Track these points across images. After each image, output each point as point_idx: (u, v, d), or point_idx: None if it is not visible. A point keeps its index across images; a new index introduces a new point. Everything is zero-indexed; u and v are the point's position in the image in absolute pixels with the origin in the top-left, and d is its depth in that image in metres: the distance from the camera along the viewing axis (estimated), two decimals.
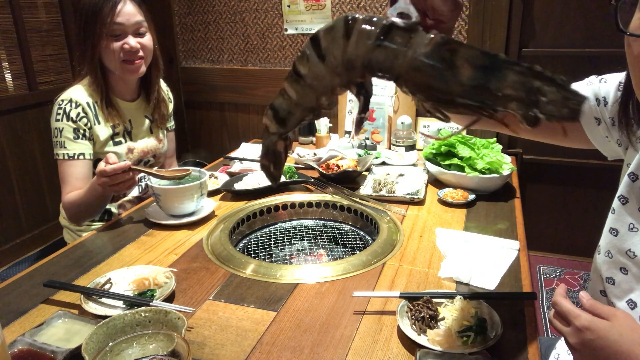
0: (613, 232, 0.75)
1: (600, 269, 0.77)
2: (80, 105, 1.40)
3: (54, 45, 2.64)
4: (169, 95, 1.72)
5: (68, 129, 1.39)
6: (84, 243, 1.18)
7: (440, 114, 0.59)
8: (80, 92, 1.43)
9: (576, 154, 2.04)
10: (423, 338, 0.76)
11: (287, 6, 2.15)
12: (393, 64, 0.58)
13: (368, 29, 0.58)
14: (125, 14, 1.38)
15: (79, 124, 1.39)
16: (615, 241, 0.74)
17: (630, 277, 0.71)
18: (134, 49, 1.40)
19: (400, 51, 0.57)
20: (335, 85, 0.65)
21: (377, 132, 1.93)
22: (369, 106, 0.65)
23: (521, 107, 0.52)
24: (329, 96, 0.67)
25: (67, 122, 1.38)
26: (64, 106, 1.40)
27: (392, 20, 0.58)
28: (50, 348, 0.74)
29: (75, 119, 1.39)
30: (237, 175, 1.53)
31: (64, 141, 1.38)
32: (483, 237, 1.12)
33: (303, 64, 0.66)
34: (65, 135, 1.38)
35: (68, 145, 1.38)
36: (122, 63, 1.41)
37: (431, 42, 0.55)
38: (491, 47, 1.90)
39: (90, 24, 1.38)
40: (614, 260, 0.74)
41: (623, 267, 0.72)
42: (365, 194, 1.37)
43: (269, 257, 1.19)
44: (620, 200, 0.74)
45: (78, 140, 1.39)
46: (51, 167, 2.66)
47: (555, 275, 2.22)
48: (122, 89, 1.51)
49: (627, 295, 0.72)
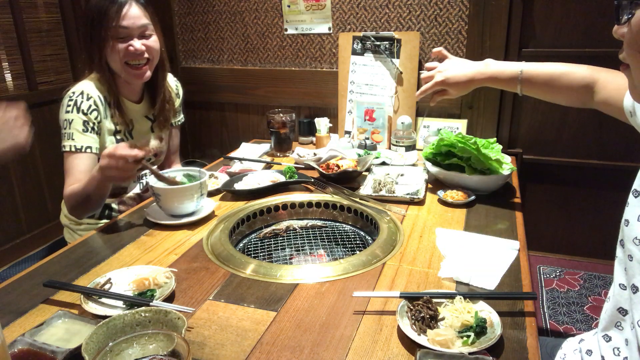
0: (625, 223, 0.77)
1: (622, 260, 0.80)
2: (91, 97, 1.40)
3: (54, 45, 2.64)
4: (177, 91, 1.72)
5: (78, 120, 1.38)
6: (84, 243, 1.18)
7: None
8: (91, 86, 1.42)
9: (576, 154, 2.04)
10: (423, 338, 0.76)
11: (287, 6, 2.15)
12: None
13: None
14: (131, 17, 1.38)
15: (89, 117, 1.39)
16: (627, 230, 0.77)
17: (634, 263, 0.73)
18: (139, 51, 1.39)
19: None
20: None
21: (377, 132, 1.93)
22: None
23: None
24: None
25: (78, 114, 1.38)
26: (75, 98, 1.39)
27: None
28: (50, 348, 0.74)
29: (87, 112, 1.39)
30: (237, 175, 1.53)
31: (73, 133, 1.37)
32: (483, 237, 1.12)
33: None
34: (75, 127, 1.38)
35: (76, 137, 1.38)
36: (125, 66, 1.41)
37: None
38: (491, 47, 1.90)
39: (96, 27, 1.37)
40: (625, 249, 0.77)
41: (630, 255, 0.75)
42: (365, 194, 1.37)
43: (268, 258, 1.19)
44: (634, 194, 0.77)
45: (87, 133, 1.39)
46: (51, 167, 2.66)
47: (555, 275, 2.22)
48: (127, 90, 1.51)
49: (631, 280, 0.74)
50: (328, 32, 2.14)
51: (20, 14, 2.42)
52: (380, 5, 2.02)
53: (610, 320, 0.81)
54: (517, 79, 1.15)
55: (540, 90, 1.16)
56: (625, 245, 0.77)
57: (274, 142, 1.87)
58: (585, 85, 1.06)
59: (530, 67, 1.14)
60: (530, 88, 1.16)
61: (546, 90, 1.15)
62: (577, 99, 1.10)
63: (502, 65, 1.18)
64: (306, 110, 2.26)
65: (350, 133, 1.99)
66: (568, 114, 2.00)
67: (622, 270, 0.80)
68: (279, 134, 1.84)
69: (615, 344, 0.79)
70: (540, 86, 1.14)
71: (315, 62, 2.21)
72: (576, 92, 1.09)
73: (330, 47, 2.16)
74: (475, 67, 1.21)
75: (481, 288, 0.92)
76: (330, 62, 2.18)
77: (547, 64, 1.14)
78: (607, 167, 2.00)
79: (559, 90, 1.12)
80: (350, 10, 2.07)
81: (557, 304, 2.05)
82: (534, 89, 1.16)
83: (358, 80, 1.99)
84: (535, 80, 1.14)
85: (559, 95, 1.14)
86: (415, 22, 2.00)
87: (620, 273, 0.80)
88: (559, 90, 1.12)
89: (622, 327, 0.78)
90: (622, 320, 0.78)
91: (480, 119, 2.01)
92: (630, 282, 0.74)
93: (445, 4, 1.94)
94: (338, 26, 2.12)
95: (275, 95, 2.31)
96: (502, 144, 1.66)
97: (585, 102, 1.09)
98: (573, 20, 1.89)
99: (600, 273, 2.20)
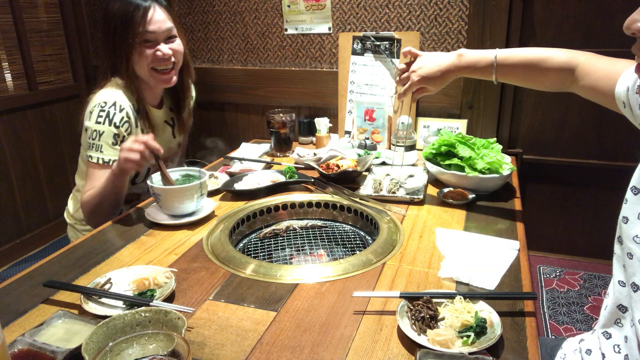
0: (624, 220, 0.77)
1: (620, 257, 0.80)
2: (124, 109, 1.37)
3: (54, 45, 2.64)
4: (193, 94, 1.71)
5: (109, 133, 1.35)
6: (84, 243, 1.18)
7: None
8: (121, 96, 1.39)
9: (576, 154, 2.04)
10: (423, 338, 0.76)
11: (287, 6, 2.15)
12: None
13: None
14: (157, 22, 1.36)
15: (120, 130, 1.36)
16: (626, 228, 0.76)
17: (635, 261, 0.73)
18: (167, 55, 1.37)
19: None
20: None
21: (377, 132, 1.93)
22: None
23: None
24: None
25: (110, 127, 1.34)
26: (107, 109, 1.35)
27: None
28: (50, 348, 0.74)
29: (119, 124, 1.36)
30: (237, 175, 1.53)
31: (102, 145, 1.34)
32: (483, 237, 1.12)
33: None
34: (105, 140, 1.35)
35: (105, 150, 1.35)
36: (152, 71, 1.38)
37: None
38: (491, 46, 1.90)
39: (121, 33, 1.34)
40: (624, 246, 0.77)
41: (629, 252, 0.75)
42: (365, 194, 1.37)
43: (268, 258, 1.19)
44: (633, 191, 0.77)
45: (116, 147, 1.36)
46: (51, 167, 2.66)
47: (555, 275, 2.22)
48: (149, 96, 1.49)
49: (632, 278, 0.74)
50: (328, 32, 2.14)
51: (20, 14, 2.42)
52: (380, 5, 2.02)
53: (610, 317, 0.81)
54: (492, 65, 1.12)
55: (518, 75, 1.13)
56: (624, 243, 0.77)
57: (274, 142, 1.87)
58: (566, 69, 1.04)
59: (504, 53, 1.11)
60: (507, 74, 1.13)
61: (524, 75, 1.11)
62: (556, 83, 1.08)
63: (476, 54, 1.15)
64: (306, 110, 2.26)
65: (350, 133, 1.99)
66: (568, 114, 2.00)
67: (620, 267, 0.80)
68: (279, 134, 1.84)
69: (615, 341, 0.79)
70: (518, 71, 1.11)
71: (315, 62, 2.21)
72: (556, 76, 1.06)
73: (330, 47, 2.16)
74: (449, 60, 1.18)
75: (481, 288, 0.92)
76: (330, 62, 2.18)
77: (523, 49, 1.11)
78: (607, 167, 2.00)
79: (537, 75, 1.09)
80: (350, 10, 2.07)
81: (557, 304, 2.05)
82: (510, 75, 1.13)
83: (358, 80, 1.99)
84: (511, 65, 1.10)
85: (537, 80, 1.11)
86: (415, 22, 2.00)
87: (618, 270, 0.80)
88: (538, 75, 1.09)
89: (622, 325, 0.78)
90: (622, 318, 0.78)
91: (480, 119, 2.01)
92: (630, 280, 0.74)
93: (445, 4, 1.94)
94: (338, 26, 2.12)
95: (275, 95, 2.31)
96: (502, 144, 1.66)
97: (564, 86, 1.07)
98: (573, 20, 1.89)
99: (600, 273, 2.20)
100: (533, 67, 1.08)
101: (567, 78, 1.04)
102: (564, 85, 1.07)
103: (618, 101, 0.91)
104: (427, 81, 1.20)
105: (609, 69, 0.95)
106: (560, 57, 1.05)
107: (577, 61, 1.03)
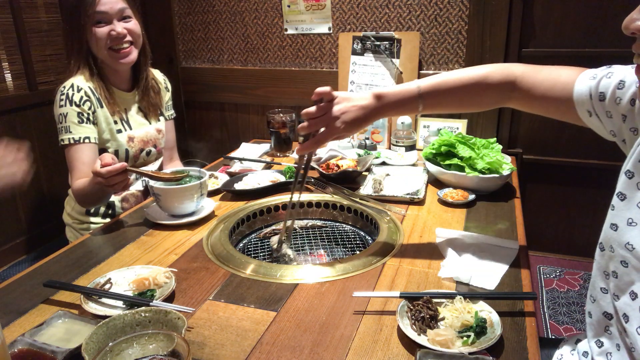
0: (613, 227, 0.76)
1: (603, 264, 0.79)
2: (82, 89, 1.41)
3: (54, 45, 2.63)
4: (165, 85, 1.72)
5: (72, 113, 1.39)
6: (84, 243, 1.18)
7: None
8: (80, 79, 1.44)
9: (576, 154, 2.04)
10: (423, 338, 0.76)
11: (287, 6, 2.15)
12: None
13: None
14: (108, 2, 1.39)
15: (82, 108, 1.40)
16: (616, 236, 0.76)
17: (630, 269, 0.73)
18: (121, 34, 1.40)
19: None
20: None
21: (377, 132, 1.93)
22: None
23: None
24: None
25: (71, 107, 1.39)
26: (66, 92, 1.40)
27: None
28: (50, 348, 0.74)
29: (79, 103, 1.40)
30: (237, 175, 1.53)
31: (69, 126, 1.39)
32: (483, 237, 1.12)
33: None
34: (70, 120, 1.39)
35: (73, 130, 1.39)
36: (109, 51, 1.42)
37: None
38: (491, 47, 1.90)
39: (74, 15, 1.38)
40: (615, 254, 0.76)
41: (623, 260, 0.74)
42: (365, 194, 1.37)
43: (269, 258, 1.19)
44: (619, 197, 0.76)
45: (83, 124, 1.40)
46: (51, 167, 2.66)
47: (555, 275, 2.22)
48: (115, 78, 1.52)
49: (629, 287, 0.73)
50: (328, 32, 2.14)
51: (20, 14, 2.42)
52: (380, 5, 2.02)
53: (598, 326, 0.80)
54: (416, 99, 1.01)
55: (453, 101, 1.04)
56: (615, 251, 0.75)
57: (274, 142, 1.86)
58: (504, 83, 0.98)
59: (428, 83, 1.02)
60: (437, 103, 1.03)
61: (461, 99, 1.03)
62: (496, 100, 1.02)
63: (396, 93, 1.03)
64: None
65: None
66: None
67: (601, 274, 0.79)
68: (279, 134, 1.84)
69: (607, 349, 0.78)
70: (454, 97, 1.03)
71: (315, 62, 2.21)
72: (496, 92, 1.00)
73: (330, 47, 2.16)
74: (368, 103, 1.03)
75: (481, 288, 0.92)
76: (330, 62, 2.18)
77: (446, 74, 1.02)
78: (607, 167, 2.00)
79: (476, 95, 1.02)
80: (350, 10, 2.07)
81: (557, 304, 2.05)
82: (442, 103, 1.04)
83: (358, 80, 1.99)
84: (445, 91, 1.01)
85: (475, 101, 1.03)
86: (415, 22, 2.00)
87: (599, 277, 0.80)
88: (476, 96, 1.02)
89: (611, 332, 0.77)
90: (610, 325, 0.78)
91: (480, 119, 2.01)
92: (627, 289, 0.73)
93: (445, 4, 1.94)
94: (338, 26, 2.12)
95: (275, 95, 2.31)
96: (502, 144, 1.66)
97: (502, 102, 1.02)
98: (573, 20, 1.89)
99: None
100: (471, 88, 1.00)
101: (505, 93, 0.99)
102: (501, 101, 1.02)
103: (579, 107, 0.87)
104: (350, 128, 1.02)
105: (556, 76, 0.91)
106: (496, 72, 0.99)
107: (514, 74, 0.98)
